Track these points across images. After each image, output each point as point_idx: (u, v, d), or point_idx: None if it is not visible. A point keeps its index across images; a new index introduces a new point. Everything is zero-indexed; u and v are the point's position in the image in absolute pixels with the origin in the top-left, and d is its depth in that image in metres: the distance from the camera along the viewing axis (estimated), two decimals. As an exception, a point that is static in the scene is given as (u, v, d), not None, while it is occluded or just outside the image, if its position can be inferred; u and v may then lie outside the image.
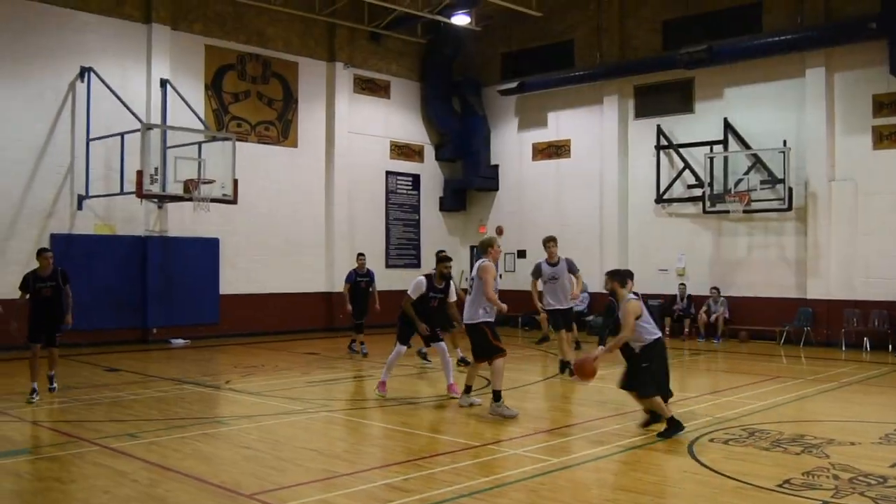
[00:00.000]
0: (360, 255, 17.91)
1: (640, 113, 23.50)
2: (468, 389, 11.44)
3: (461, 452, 8.66)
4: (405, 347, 12.42)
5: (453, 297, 12.34)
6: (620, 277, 9.60)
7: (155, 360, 17.12)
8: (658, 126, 22.82)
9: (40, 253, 12.45)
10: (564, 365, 13.90)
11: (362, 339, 17.54)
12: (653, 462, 8.38)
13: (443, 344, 12.40)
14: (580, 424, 10.18)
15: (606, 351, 9.67)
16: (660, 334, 9.40)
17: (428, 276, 12.22)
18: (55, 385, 12.60)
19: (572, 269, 14.27)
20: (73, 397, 12.26)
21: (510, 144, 26.51)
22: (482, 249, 11.09)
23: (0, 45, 18.35)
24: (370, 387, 13.19)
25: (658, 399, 9.22)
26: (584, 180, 24.43)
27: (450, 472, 7.80)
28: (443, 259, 12.23)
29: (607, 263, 23.45)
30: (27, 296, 12.20)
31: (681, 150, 22.42)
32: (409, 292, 12.08)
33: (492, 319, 10.96)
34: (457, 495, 7.02)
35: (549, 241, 14.49)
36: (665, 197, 22.75)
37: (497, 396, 10.62)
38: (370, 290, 17.34)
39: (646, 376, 9.25)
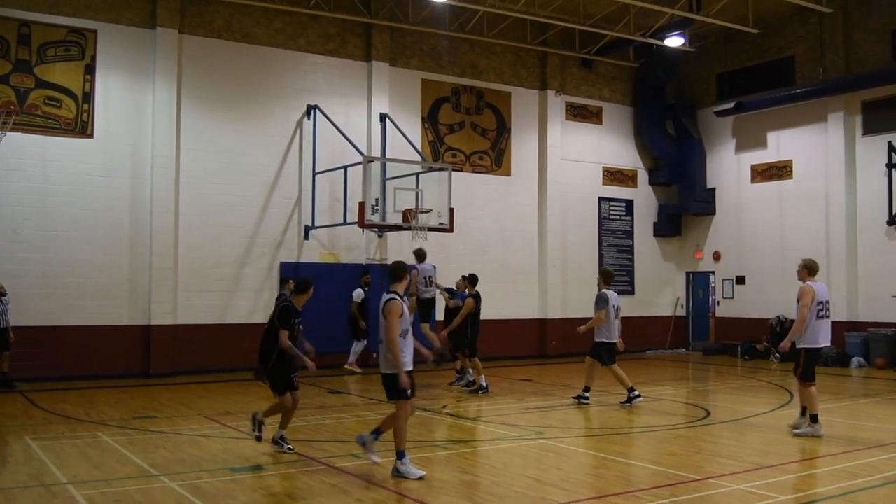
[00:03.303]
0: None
1: (869, 129, 22.14)
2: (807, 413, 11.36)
3: (682, 486, 8.43)
4: None
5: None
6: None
7: (375, 383, 17.68)
8: (889, 143, 21.40)
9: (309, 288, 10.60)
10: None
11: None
12: (891, 504, 7.84)
13: None
14: (806, 461, 9.66)
15: None
16: None
17: None
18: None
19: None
20: (300, 417, 12.90)
21: (727, 166, 25.68)
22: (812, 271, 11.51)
23: (237, 87, 19.86)
24: (586, 415, 13.11)
25: None
26: (808, 202, 23.28)
27: (669, 506, 7.63)
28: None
29: (835, 289, 22.22)
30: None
31: (916, 167, 20.97)
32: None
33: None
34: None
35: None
36: (899, 218, 21.31)
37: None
38: None
39: None
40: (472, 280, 16.38)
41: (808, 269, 11.47)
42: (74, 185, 17.93)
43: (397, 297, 8.97)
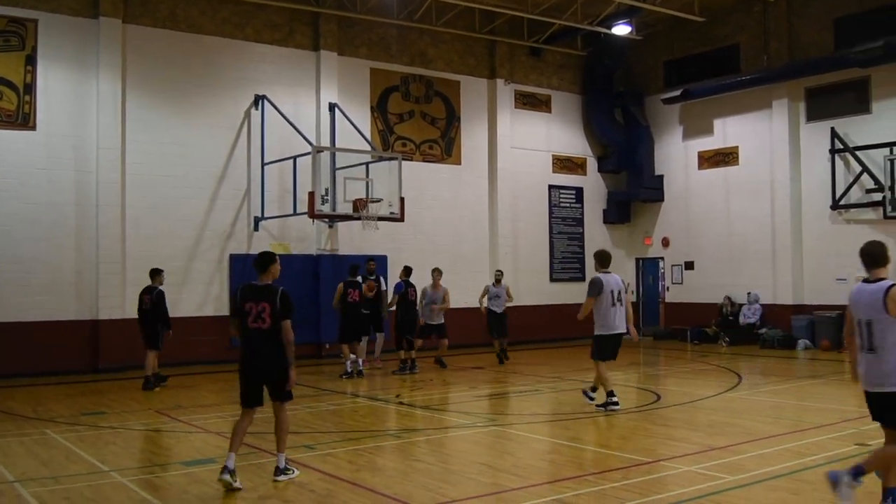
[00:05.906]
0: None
1: (812, 116, 22.53)
2: None
3: (633, 469, 8.54)
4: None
5: None
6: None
7: (327, 374, 17.68)
8: (832, 128, 21.79)
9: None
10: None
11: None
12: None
13: None
14: (755, 441, 9.83)
15: None
16: None
17: None
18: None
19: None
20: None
21: (675, 154, 25.97)
22: None
23: (183, 78, 19.57)
24: (538, 401, 13.19)
25: None
26: (754, 188, 23.62)
27: (621, 489, 7.71)
28: None
29: (780, 273, 22.67)
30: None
31: (857, 152, 21.32)
32: None
33: None
34: (629, 512, 6.94)
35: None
36: (842, 203, 21.65)
37: None
38: None
39: None
40: (351, 271, 17.33)
41: None
42: (17, 179, 17.56)
43: None
